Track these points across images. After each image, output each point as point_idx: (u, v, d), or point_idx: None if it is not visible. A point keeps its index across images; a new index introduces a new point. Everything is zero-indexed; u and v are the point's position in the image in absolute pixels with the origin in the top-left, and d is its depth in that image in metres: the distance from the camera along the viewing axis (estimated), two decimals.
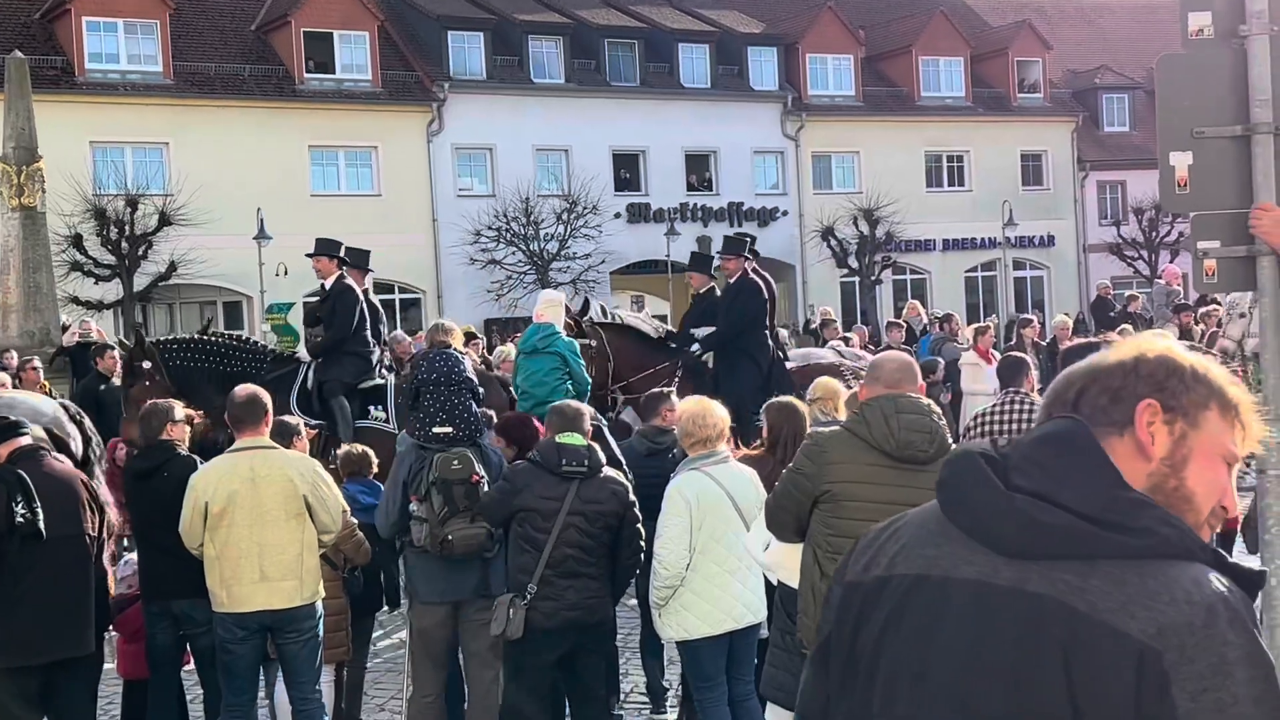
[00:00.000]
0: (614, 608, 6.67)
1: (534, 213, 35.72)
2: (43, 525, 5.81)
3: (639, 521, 6.34)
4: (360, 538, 7.11)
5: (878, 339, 22.90)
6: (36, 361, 14.24)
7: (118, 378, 12.55)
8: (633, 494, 6.42)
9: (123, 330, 25.73)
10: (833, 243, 38.69)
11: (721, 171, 40.47)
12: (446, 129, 36.67)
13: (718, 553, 6.17)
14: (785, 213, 40.95)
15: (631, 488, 6.53)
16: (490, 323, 32.12)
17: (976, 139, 43.21)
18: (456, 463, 6.53)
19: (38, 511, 5.81)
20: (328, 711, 6.88)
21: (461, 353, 7.72)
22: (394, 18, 37.41)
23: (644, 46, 39.34)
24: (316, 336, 11.38)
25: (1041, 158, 44.56)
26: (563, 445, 6.24)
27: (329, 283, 11.16)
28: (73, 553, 6.03)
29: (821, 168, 41.90)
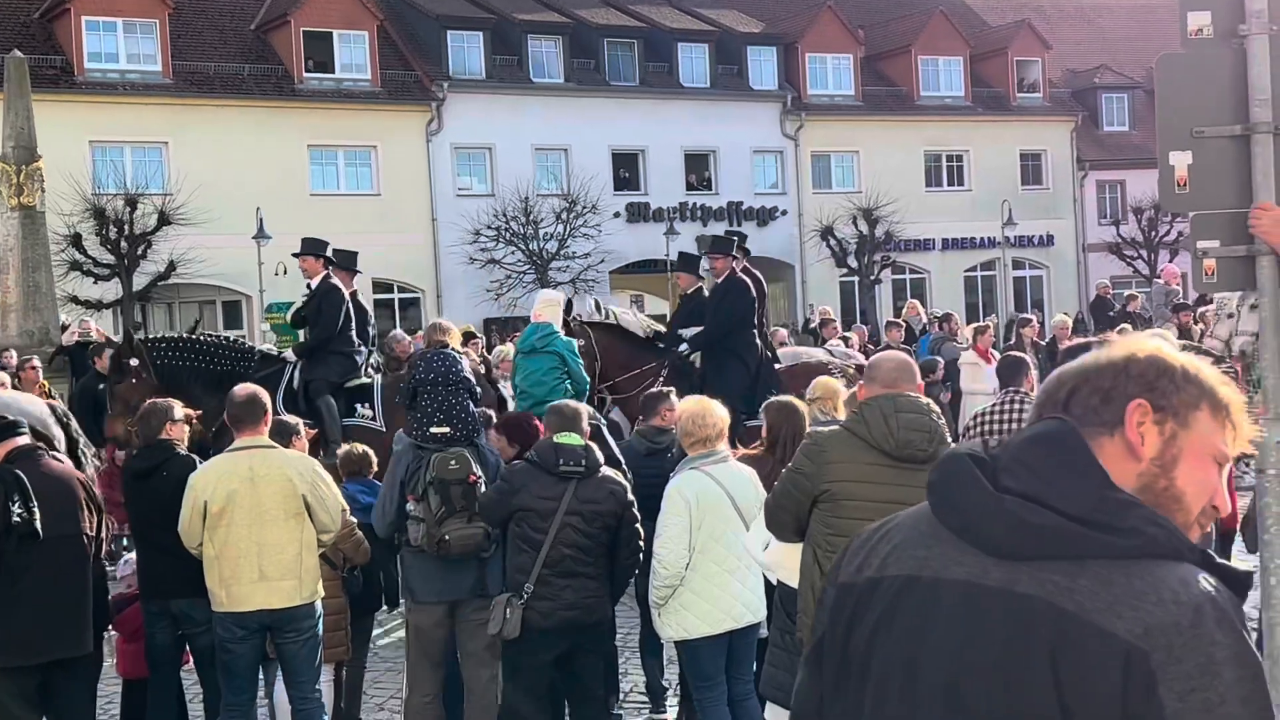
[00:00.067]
0: (613, 608, 6.66)
1: (533, 212, 35.72)
2: (39, 525, 5.80)
3: (637, 521, 6.34)
4: (359, 537, 7.11)
5: (877, 338, 22.89)
6: (36, 361, 14.24)
7: None
8: (631, 494, 6.42)
9: (122, 330, 25.68)
10: (832, 242, 38.68)
11: (721, 171, 40.47)
12: (446, 128, 36.67)
13: (717, 552, 6.17)
14: (784, 212, 40.95)
15: (630, 487, 6.52)
16: (489, 322, 32.11)
17: (976, 139, 43.22)
18: (454, 463, 6.52)
19: (34, 511, 5.80)
20: (327, 711, 6.88)
21: (459, 352, 7.72)
22: (393, 17, 37.41)
23: (643, 46, 39.35)
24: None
25: (1041, 157, 44.57)
26: (560, 445, 6.23)
27: (315, 282, 11.16)
28: (70, 552, 6.02)
29: (821, 167, 41.90)
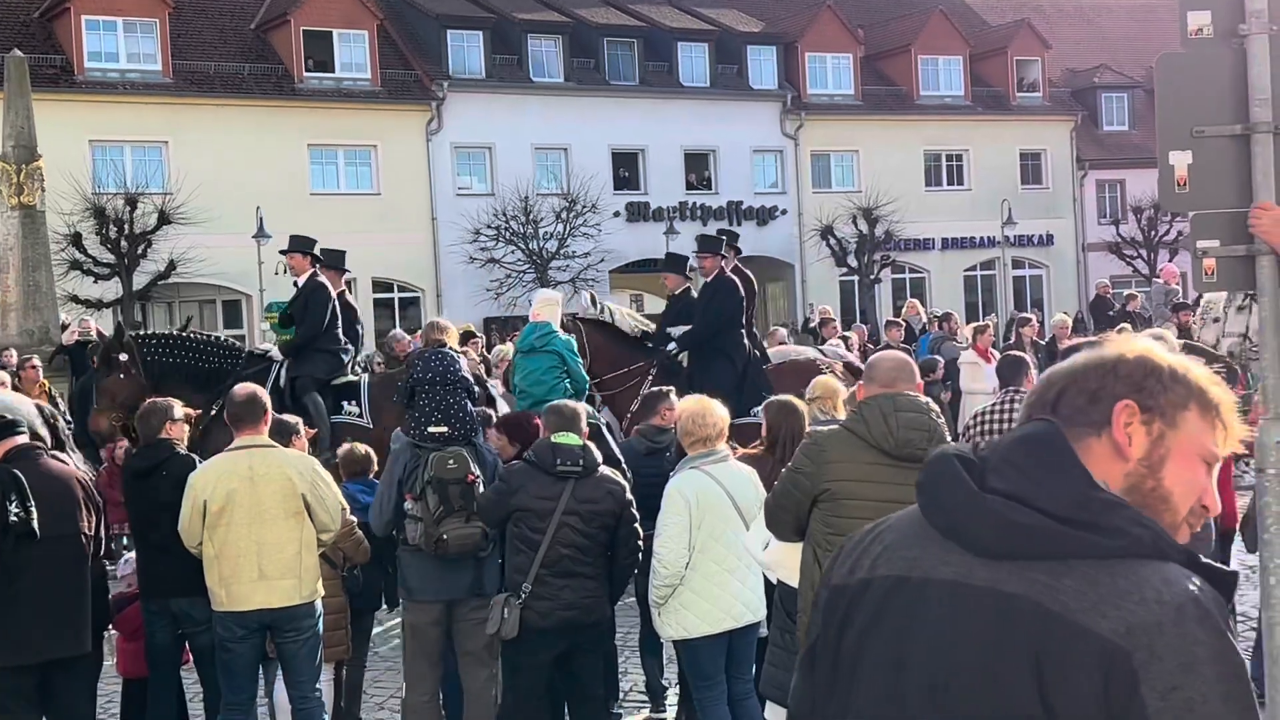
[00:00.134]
0: (612, 607, 6.66)
1: (533, 211, 35.71)
2: (36, 525, 5.80)
3: (636, 521, 6.34)
4: (360, 536, 7.11)
5: (877, 338, 22.89)
6: (36, 360, 14.25)
7: None
8: (630, 493, 6.41)
9: (114, 325, 25.65)
10: (832, 242, 38.65)
11: (720, 170, 40.46)
12: (446, 128, 36.66)
13: (717, 551, 6.17)
14: (784, 211, 40.94)
15: (629, 487, 6.52)
16: (489, 321, 32.11)
17: (975, 138, 43.21)
18: (452, 462, 6.53)
19: (31, 511, 5.79)
20: (327, 710, 6.88)
21: (457, 351, 7.71)
22: (393, 16, 37.40)
23: (643, 45, 39.34)
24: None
25: (1040, 157, 44.55)
26: (558, 445, 6.23)
27: (301, 280, 11.16)
28: (68, 552, 6.02)
29: (820, 167, 41.89)
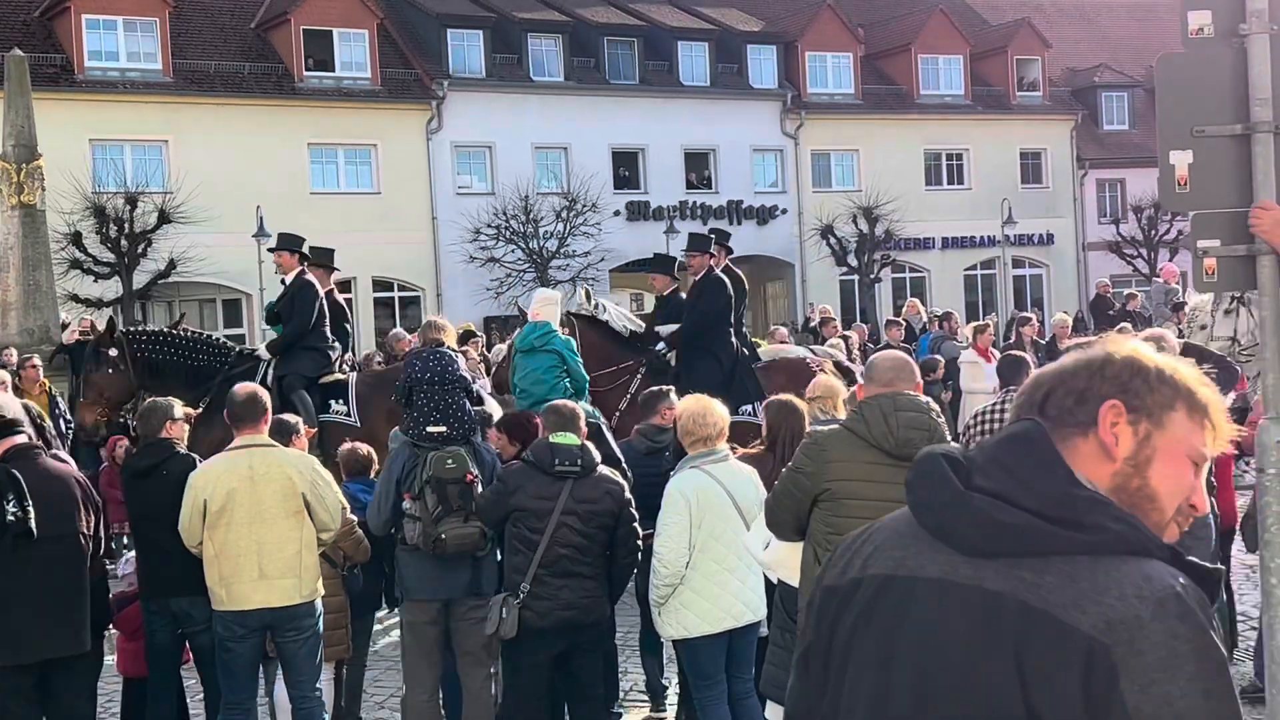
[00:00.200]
0: (611, 607, 6.66)
1: (533, 211, 35.70)
2: (33, 524, 5.80)
3: (635, 520, 6.34)
4: (360, 535, 7.11)
5: (877, 337, 22.90)
6: (36, 359, 14.24)
7: None
8: (629, 492, 6.41)
9: (107, 320, 25.64)
10: (832, 241, 38.63)
11: (721, 169, 40.45)
12: (446, 127, 36.66)
13: (717, 551, 6.17)
14: (784, 211, 40.93)
15: (628, 486, 6.52)
16: (490, 320, 32.10)
17: (976, 137, 43.20)
18: (451, 462, 6.53)
19: (29, 510, 5.79)
20: (327, 710, 6.88)
21: (455, 350, 7.70)
22: (393, 16, 37.39)
23: (643, 45, 39.33)
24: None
25: (1041, 156, 44.54)
26: (556, 445, 6.23)
27: (289, 278, 11.17)
28: (67, 552, 6.02)
29: (821, 166, 41.88)
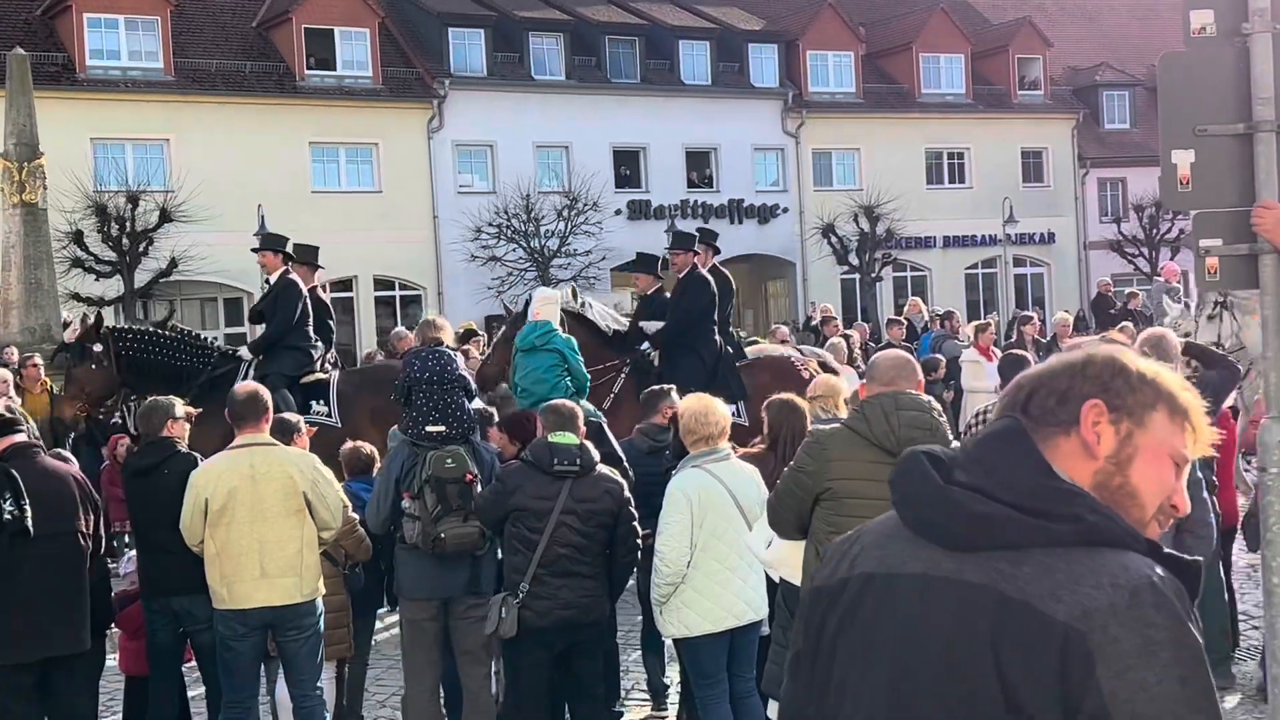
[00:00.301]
0: (612, 606, 6.66)
1: (535, 209, 35.67)
2: (30, 523, 5.80)
3: (634, 520, 6.34)
4: (361, 534, 7.11)
5: (878, 336, 22.89)
6: (38, 358, 14.24)
7: None
8: (628, 491, 6.41)
9: (95, 315, 25.61)
10: (833, 240, 38.60)
11: (722, 168, 40.43)
12: (447, 126, 36.65)
13: (719, 550, 6.17)
14: (785, 210, 40.92)
15: (628, 485, 6.52)
16: (491, 319, 32.08)
17: (977, 136, 43.17)
18: (450, 461, 6.53)
19: (26, 509, 5.80)
20: (329, 708, 6.88)
21: (453, 350, 7.70)
22: (395, 14, 37.38)
23: (644, 43, 39.31)
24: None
25: (1042, 155, 44.51)
26: (555, 445, 6.23)
27: (273, 278, 11.17)
28: (65, 550, 6.02)
29: (822, 165, 41.86)
